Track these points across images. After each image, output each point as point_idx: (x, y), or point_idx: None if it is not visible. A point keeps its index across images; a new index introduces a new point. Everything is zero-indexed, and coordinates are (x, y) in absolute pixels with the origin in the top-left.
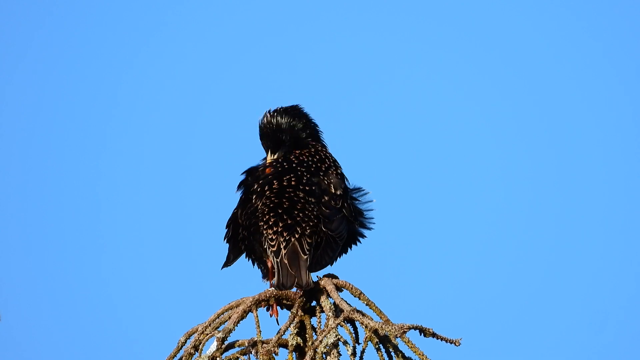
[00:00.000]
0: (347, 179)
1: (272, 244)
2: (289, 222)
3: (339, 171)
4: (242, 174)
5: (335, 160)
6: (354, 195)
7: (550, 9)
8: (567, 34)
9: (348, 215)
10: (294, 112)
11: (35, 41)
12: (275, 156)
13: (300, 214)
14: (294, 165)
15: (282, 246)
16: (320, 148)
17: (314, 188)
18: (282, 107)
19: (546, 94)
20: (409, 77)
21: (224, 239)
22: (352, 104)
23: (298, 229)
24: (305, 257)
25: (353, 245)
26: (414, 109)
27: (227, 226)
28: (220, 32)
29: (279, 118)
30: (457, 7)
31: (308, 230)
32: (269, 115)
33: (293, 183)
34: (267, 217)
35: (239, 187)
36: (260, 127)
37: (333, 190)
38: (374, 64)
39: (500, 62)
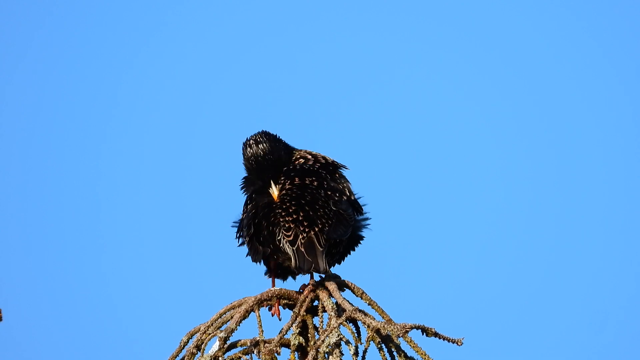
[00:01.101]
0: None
1: (288, 233)
2: (310, 213)
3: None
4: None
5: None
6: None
7: (550, 9)
8: (567, 34)
9: (357, 207)
10: (266, 136)
11: (35, 41)
12: (275, 187)
13: (322, 210)
14: (313, 169)
15: (299, 237)
16: (319, 155)
17: (333, 192)
18: (257, 136)
19: (546, 94)
20: (409, 77)
21: (244, 239)
22: (352, 104)
23: (319, 222)
24: (322, 249)
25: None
26: (414, 109)
27: (246, 227)
28: (220, 32)
29: (263, 145)
30: (457, 7)
31: (327, 228)
32: (254, 146)
33: (315, 184)
34: (287, 205)
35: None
36: (254, 160)
37: (348, 194)
38: (374, 64)
39: (500, 62)
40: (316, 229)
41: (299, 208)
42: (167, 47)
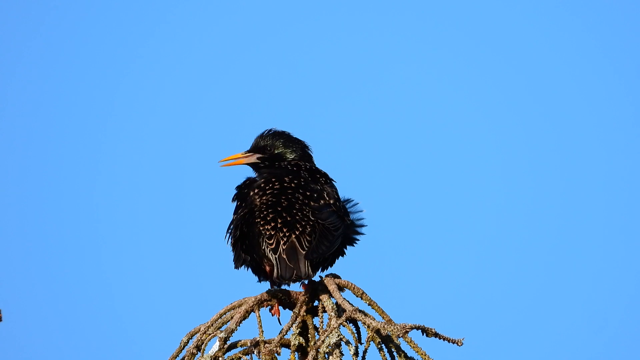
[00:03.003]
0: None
1: (270, 241)
2: (288, 219)
3: (334, 186)
4: (238, 188)
5: (328, 176)
6: (346, 206)
7: (550, 9)
8: (567, 34)
9: (342, 214)
10: (285, 136)
11: (35, 41)
12: (246, 155)
13: (299, 213)
14: (294, 170)
15: (281, 243)
16: (313, 165)
17: (312, 193)
18: (278, 131)
19: (546, 93)
20: (409, 77)
21: (228, 242)
22: (353, 103)
23: (298, 226)
24: (304, 252)
25: (350, 247)
26: (413, 108)
27: (233, 229)
28: (219, 32)
29: (272, 137)
30: (457, 7)
31: (308, 229)
32: (270, 131)
33: (293, 185)
34: (264, 213)
35: (234, 198)
36: (262, 133)
37: (327, 198)
38: (373, 63)
39: (500, 62)
40: (297, 232)
41: (277, 215)
42: (166, 47)
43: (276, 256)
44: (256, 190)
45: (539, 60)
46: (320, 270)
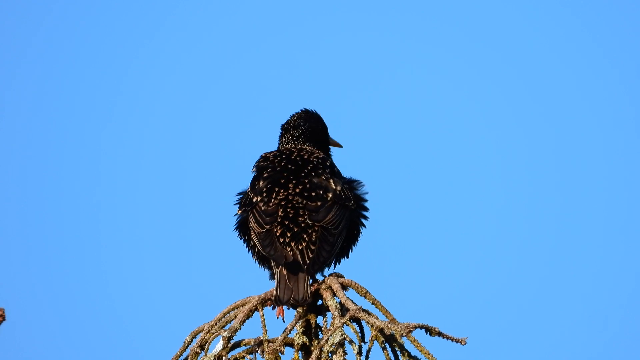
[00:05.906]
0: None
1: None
2: (295, 230)
3: (335, 169)
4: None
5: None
6: (352, 185)
7: (550, 9)
8: (567, 34)
9: (344, 202)
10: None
11: (35, 41)
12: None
13: (305, 222)
14: (298, 163)
15: (287, 254)
16: (314, 150)
17: (317, 192)
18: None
19: (546, 93)
20: (409, 77)
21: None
22: (353, 103)
23: (305, 236)
24: (305, 267)
25: (359, 239)
26: (413, 108)
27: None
28: (220, 32)
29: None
30: (457, 7)
31: (313, 237)
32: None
33: (298, 190)
34: (277, 227)
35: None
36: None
37: (334, 187)
38: (373, 63)
39: (500, 62)
40: (303, 244)
41: (285, 229)
42: (166, 47)
43: (278, 270)
44: (258, 199)
45: (539, 60)
46: (335, 264)
